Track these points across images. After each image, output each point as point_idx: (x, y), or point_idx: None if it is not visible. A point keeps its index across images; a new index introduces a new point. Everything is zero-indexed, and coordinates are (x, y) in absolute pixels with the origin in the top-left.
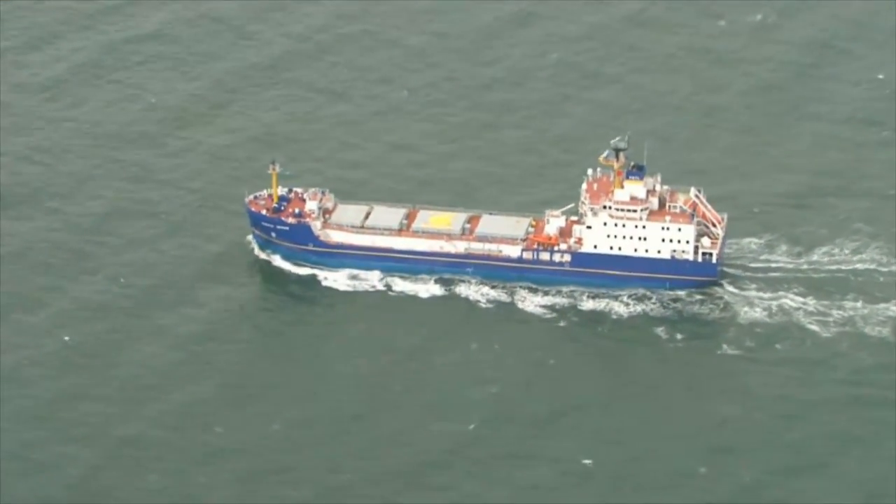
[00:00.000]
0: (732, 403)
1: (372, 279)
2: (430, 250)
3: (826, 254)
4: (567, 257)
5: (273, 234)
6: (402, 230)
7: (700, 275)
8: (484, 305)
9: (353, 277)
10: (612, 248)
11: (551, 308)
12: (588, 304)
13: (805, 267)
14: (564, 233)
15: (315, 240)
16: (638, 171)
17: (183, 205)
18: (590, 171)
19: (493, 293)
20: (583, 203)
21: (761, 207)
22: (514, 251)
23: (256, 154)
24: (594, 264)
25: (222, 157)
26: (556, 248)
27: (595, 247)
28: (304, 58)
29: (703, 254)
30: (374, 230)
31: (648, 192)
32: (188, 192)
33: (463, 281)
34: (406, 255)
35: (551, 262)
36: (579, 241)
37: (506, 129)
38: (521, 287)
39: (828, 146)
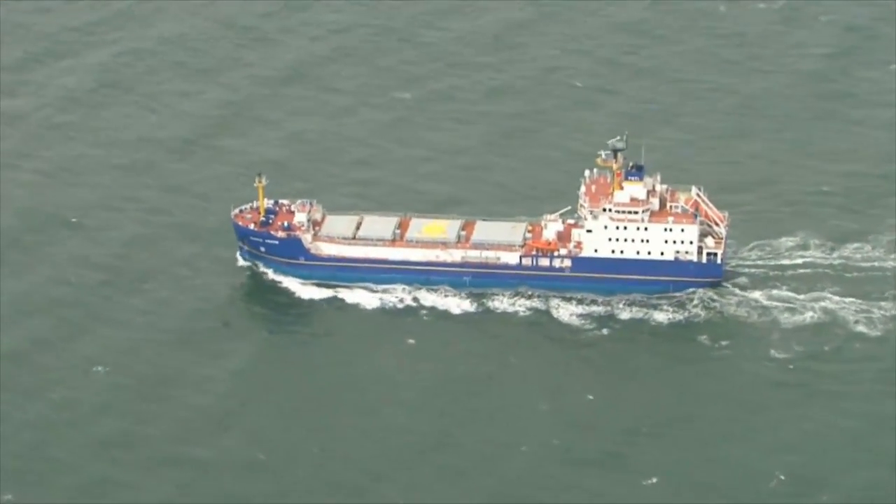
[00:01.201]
0: (798, 413)
1: (398, 293)
2: (426, 260)
3: (858, 250)
4: (567, 262)
5: (262, 249)
6: (395, 240)
7: (705, 276)
8: (519, 318)
9: (384, 292)
10: (613, 251)
11: (588, 317)
12: (625, 313)
13: (839, 264)
14: (563, 237)
15: (306, 253)
16: (637, 172)
17: (210, 219)
18: (587, 173)
19: (528, 304)
20: (582, 206)
21: (794, 203)
22: (512, 258)
23: (275, 164)
24: (596, 269)
25: (240, 169)
26: (555, 254)
27: (596, 251)
28: (318, 63)
29: (708, 254)
30: (367, 241)
31: (648, 192)
32: (214, 205)
33: (494, 294)
34: (401, 266)
35: (551, 268)
36: (579, 245)
37: (529, 128)
38: (554, 296)
39: (861, 138)
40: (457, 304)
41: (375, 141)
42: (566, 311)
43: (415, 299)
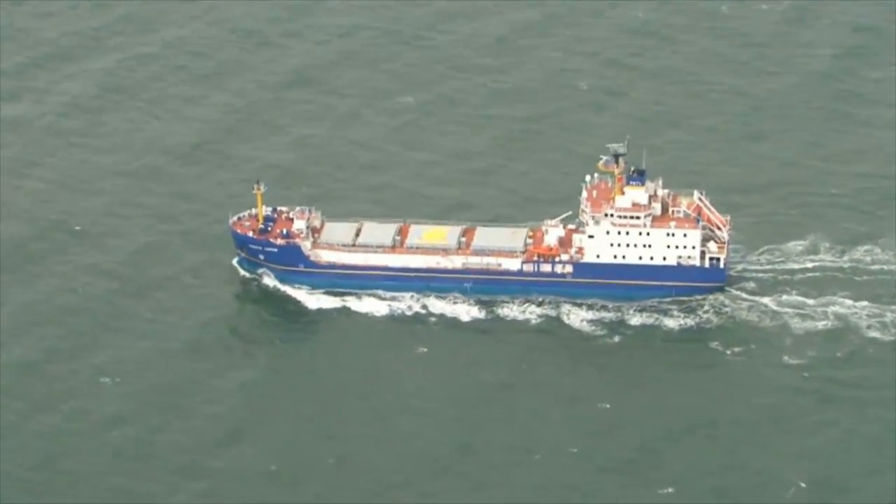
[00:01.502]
0: (815, 419)
1: (407, 301)
2: (427, 266)
3: (868, 253)
4: (569, 268)
5: (261, 257)
6: (395, 247)
7: (708, 281)
8: (530, 325)
9: (392, 299)
10: (615, 256)
11: (599, 323)
12: (636, 319)
13: (849, 267)
14: (564, 242)
15: (305, 260)
16: (639, 177)
17: (216, 226)
18: (588, 178)
19: (538, 311)
20: (583, 211)
21: (803, 206)
22: (513, 264)
23: (280, 169)
24: (598, 274)
25: (245, 174)
26: (557, 260)
27: (598, 256)
28: (322, 67)
29: (711, 259)
30: (367, 248)
31: (650, 197)
32: (219, 211)
33: (505, 302)
34: (402, 273)
35: (553, 274)
36: (580, 250)
37: (533, 131)
38: (565, 302)
39: (869, 139)
40: (466, 311)
41: (381, 145)
42: (577, 318)
43: (423, 307)
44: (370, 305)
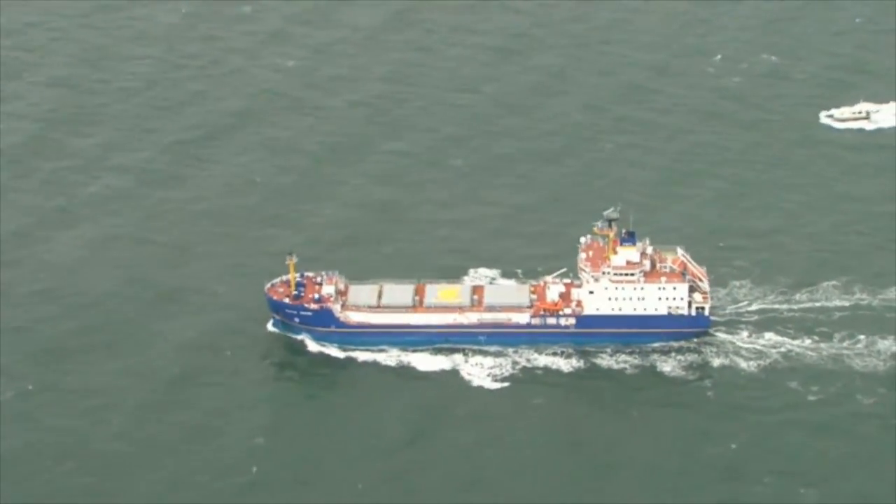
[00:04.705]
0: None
1: (511, 356)
2: (445, 323)
3: (871, 292)
4: (572, 321)
5: (296, 320)
6: (416, 306)
7: (695, 327)
8: (628, 373)
9: (498, 355)
10: (612, 309)
11: (689, 367)
12: (717, 360)
13: (854, 304)
14: (564, 297)
15: (337, 322)
16: (630, 238)
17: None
18: (582, 239)
19: (632, 360)
20: (583, 270)
21: (832, 246)
22: (522, 318)
23: (327, 234)
24: (598, 325)
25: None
26: (561, 313)
27: (597, 309)
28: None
29: (697, 308)
30: (391, 308)
31: (641, 254)
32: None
33: (601, 352)
34: (423, 329)
35: (557, 326)
36: (580, 304)
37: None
38: (656, 352)
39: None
40: (567, 363)
41: (423, 204)
42: (670, 364)
43: (527, 360)
44: (476, 360)
